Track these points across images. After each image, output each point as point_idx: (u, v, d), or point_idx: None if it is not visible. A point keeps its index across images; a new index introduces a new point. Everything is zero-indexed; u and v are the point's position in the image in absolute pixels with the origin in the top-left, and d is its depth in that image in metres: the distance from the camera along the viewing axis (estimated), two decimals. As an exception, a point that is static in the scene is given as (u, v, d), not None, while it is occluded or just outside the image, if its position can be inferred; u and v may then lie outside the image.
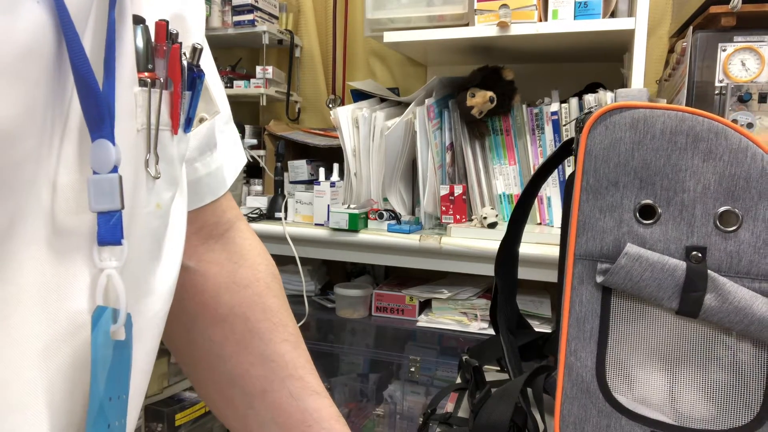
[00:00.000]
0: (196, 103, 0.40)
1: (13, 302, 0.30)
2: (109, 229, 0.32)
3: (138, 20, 0.34)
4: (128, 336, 0.33)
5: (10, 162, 0.28)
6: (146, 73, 0.35)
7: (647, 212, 0.52)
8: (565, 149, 0.65)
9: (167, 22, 0.36)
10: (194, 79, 0.38)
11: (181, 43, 0.37)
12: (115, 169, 0.31)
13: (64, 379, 0.32)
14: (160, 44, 0.36)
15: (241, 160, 0.55)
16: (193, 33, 0.42)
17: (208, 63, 0.47)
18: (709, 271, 0.50)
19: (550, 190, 1.47)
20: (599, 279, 0.53)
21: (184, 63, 0.37)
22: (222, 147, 0.51)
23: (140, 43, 0.34)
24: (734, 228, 0.50)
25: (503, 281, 0.75)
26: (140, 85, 0.35)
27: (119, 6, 0.33)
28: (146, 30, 0.35)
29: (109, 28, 0.31)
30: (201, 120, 0.44)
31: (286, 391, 0.51)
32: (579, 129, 0.54)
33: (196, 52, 0.38)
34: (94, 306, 0.32)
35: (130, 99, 0.34)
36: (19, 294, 0.30)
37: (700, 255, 0.51)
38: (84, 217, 0.32)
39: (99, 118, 0.31)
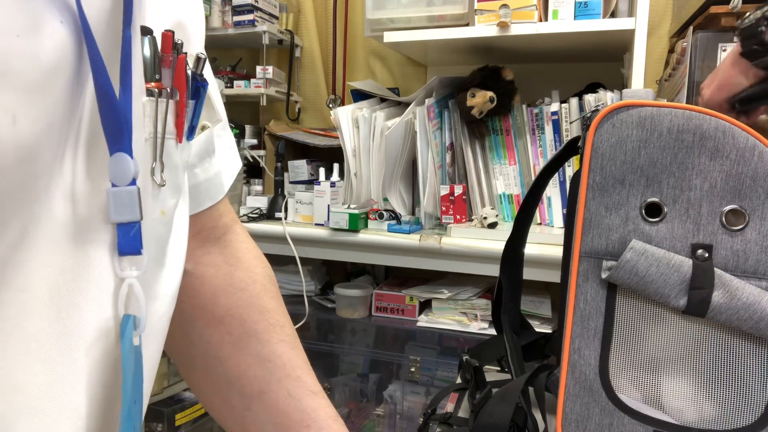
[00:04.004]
0: (200, 112, 0.40)
1: (27, 309, 0.30)
2: (129, 240, 0.33)
3: (146, 31, 0.35)
4: (140, 341, 0.34)
5: (29, 175, 0.29)
6: (153, 83, 0.35)
7: (653, 210, 0.52)
8: (571, 148, 0.65)
9: (173, 32, 0.37)
10: (198, 88, 0.39)
11: (186, 53, 0.37)
12: (133, 182, 0.32)
13: (79, 384, 0.32)
14: (167, 54, 0.36)
15: (237, 164, 0.56)
16: (193, 41, 0.43)
17: (207, 70, 0.48)
18: (715, 269, 0.50)
19: (550, 190, 1.47)
20: (604, 275, 0.53)
21: (189, 73, 0.38)
22: (219, 152, 0.52)
23: (148, 54, 0.35)
24: (741, 227, 0.50)
25: (508, 280, 0.75)
26: (148, 95, 0.35)
27: (133, 21, 0.33)
28: (153, 41, 0.35)
29: (124, 43, 0.32)
30: (203, 128, 0.45)
31: (284, 391, 0.51)
32: (586, 127, 0.54)
33: (199, 61, 0.39)
34: (115, 314, 0.33)
35: (139, 109, 0.35)
36: (33, 301, 0.30)
37: (706, 253, 0.51)
38: (99, 226, 0.33)
39: (118, 132, 0.32)
